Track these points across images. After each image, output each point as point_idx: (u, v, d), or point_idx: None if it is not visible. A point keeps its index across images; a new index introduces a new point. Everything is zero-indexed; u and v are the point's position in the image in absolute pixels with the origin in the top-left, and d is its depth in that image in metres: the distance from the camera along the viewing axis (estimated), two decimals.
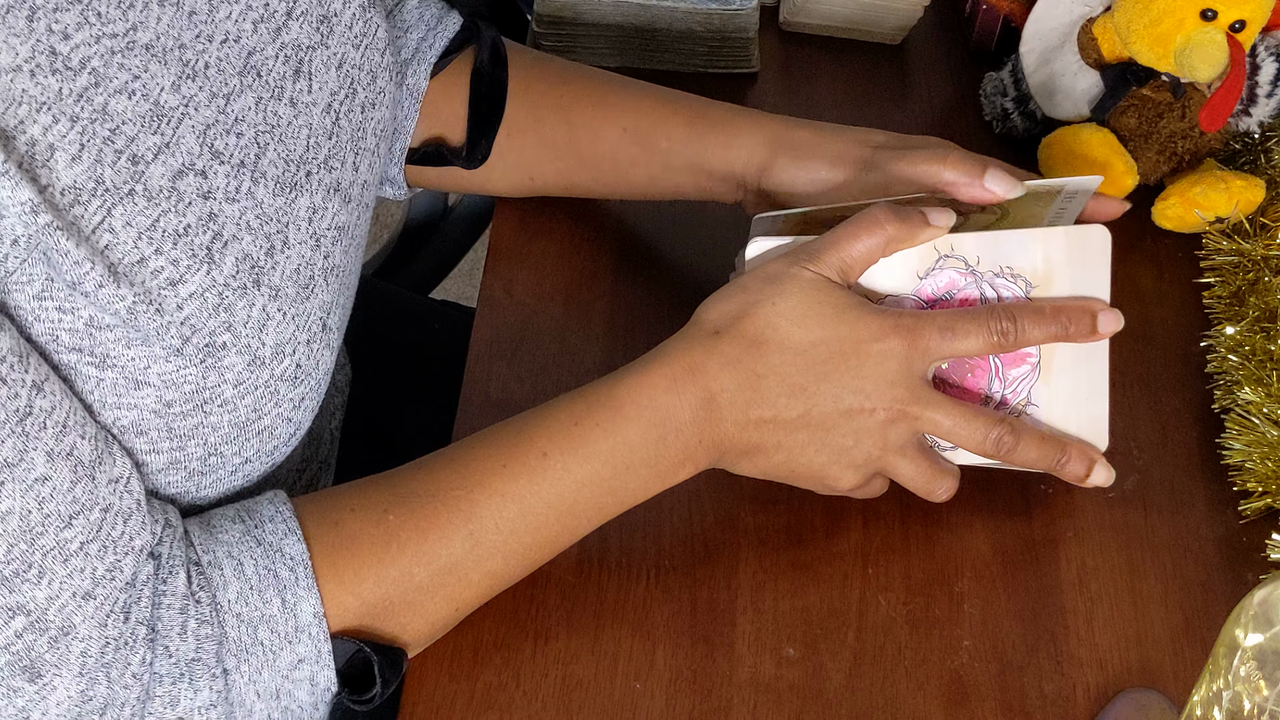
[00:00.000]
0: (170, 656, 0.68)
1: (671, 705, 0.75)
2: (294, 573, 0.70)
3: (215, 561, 0.70)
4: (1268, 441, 0.83)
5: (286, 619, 0.69)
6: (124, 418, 0.68)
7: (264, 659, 0.69)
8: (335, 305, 0.75)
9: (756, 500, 0.83)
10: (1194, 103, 0.95)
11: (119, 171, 0.63)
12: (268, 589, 0.69)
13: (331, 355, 0.76)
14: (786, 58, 1.10)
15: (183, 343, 0.67)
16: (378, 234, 2.06)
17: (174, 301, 0.66)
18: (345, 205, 0.77)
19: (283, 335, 0.71)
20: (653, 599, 0.79)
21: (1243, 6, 0.90)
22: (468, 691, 0.76)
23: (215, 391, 0.69)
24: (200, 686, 0.68)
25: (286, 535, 0.71)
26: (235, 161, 0.69)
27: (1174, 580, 0.81)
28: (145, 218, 0.64)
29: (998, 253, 0.79)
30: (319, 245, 0.74)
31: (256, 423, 0.72)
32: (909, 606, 0.79)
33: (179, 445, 0.70)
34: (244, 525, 0.71)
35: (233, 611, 0.69)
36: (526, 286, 0.95)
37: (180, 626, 0.68)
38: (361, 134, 0.79)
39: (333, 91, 0.76)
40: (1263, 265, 0.91)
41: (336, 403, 0.96)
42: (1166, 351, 0.91)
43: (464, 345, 0.91)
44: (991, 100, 1.03)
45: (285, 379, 0.72)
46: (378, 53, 0.81)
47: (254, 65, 0.71)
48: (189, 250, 0.66)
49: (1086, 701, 0.76)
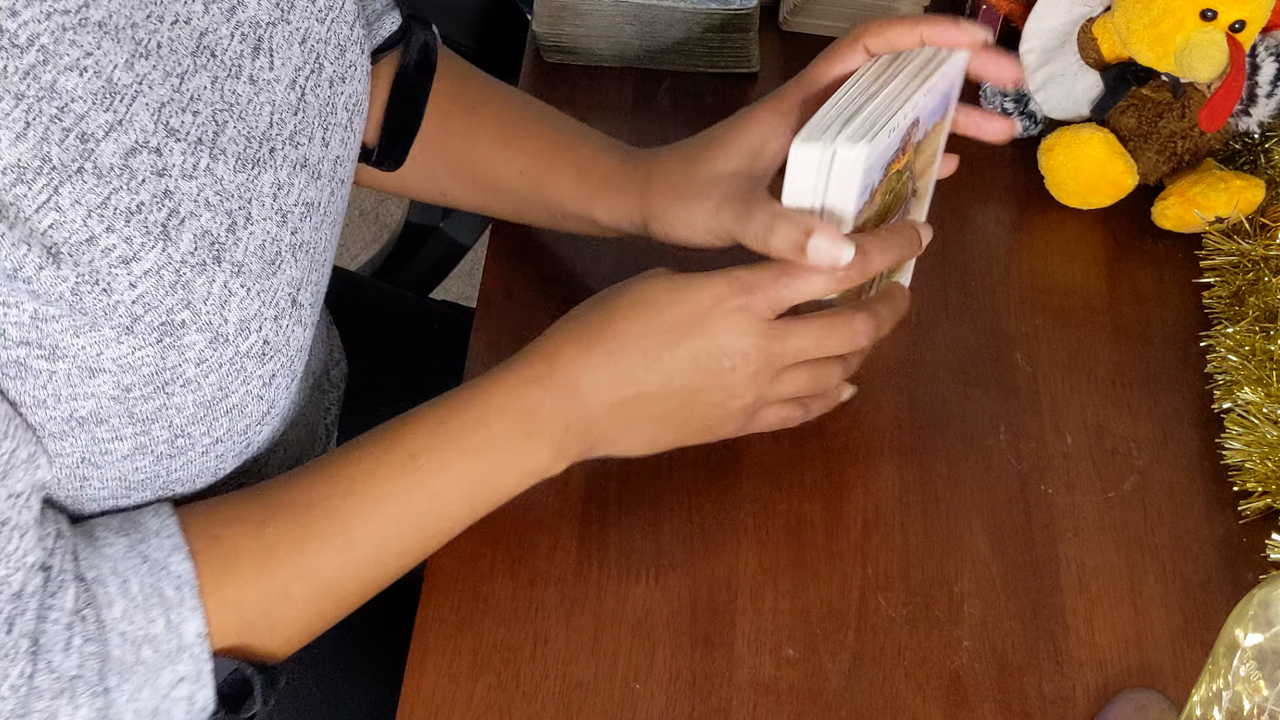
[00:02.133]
0: (52, 672, 0.67)
1: (671, 706, 0.75)
2: (180, 592, 0.69)
3: (100, 578, 0.69)
4: (1268, 441, 0.83)
5: (170, 638, 0.69)
6: (82, 408, 0.67)
7: (145, 678, 0.68)
8: (306, 282, 0.75)
9: (756, 501, 0.83)
10: (1194, 103, 0.95)
11: (67, 149, 0.62)
12: (153, 608, 0.69)
13: (304, 331, 0.75)
14: (786, 58, 1.10)
15: (133, 321, 0.66)
16: (377, 234, 2.06)
17: (126, 280, 0.65)
18: (314, 181, 0.76)
19: (247, 311, 0.70)
20: (653, 599, 0.79)
21: (1243, 6, 0.90)
22: (467, 692, 0.76)
23: (176, 371, 0.69)
24: (80, 704, 0.67)
25: (173, 552, 0.70)
26: (192, 139, 0.68)
27: (1174, 580, 0.81)
28: (95, 195, 0.63)
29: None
30: (285, 221, 0.73)
31: (224, 401, 0.72)
32: (908, 607, 0.79)
33: (143, 429, 0.70)
34: (128, 539, 0.71)
35: (117, 630, 0.68)
36: (526, 286, 0.95)
37: (65, 643, 0.67)
38: (331, 109, 0.78)
39: (297, 67, 0.76)
40: (1263, 265, 0.91)
41: (331, 398, 0.96)
42: (1166, 351, 0.91)
43: (464, 345, 0.91)
44: (991, 100, 1.03)
45: (252, 355, 0.71)
46: (345, 26, 0.80)
47: (207, 45, 0.70)
48: (142, 228, 0.65)
49: (1086, 702, 0.76)
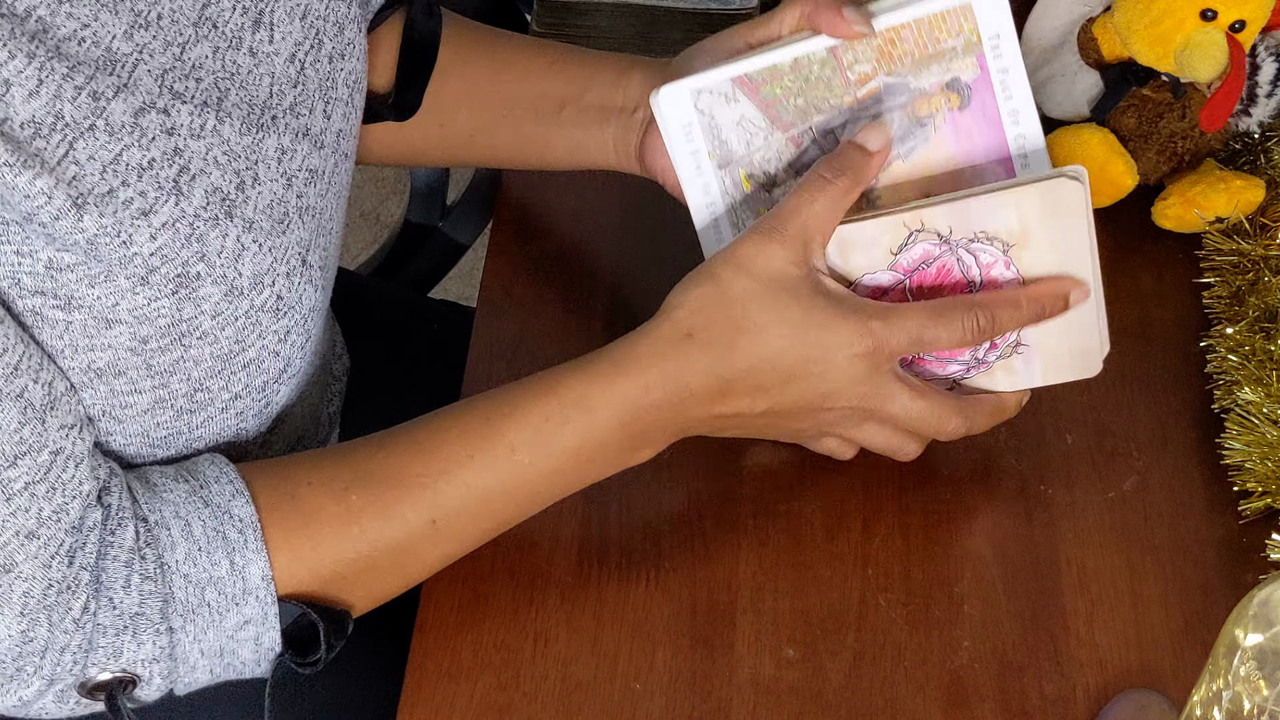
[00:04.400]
0: (114, 608, 0.68)
1: (671, 706, 0.75)
2: (243, 535, 0.70)
3: (162, 521, 0.70)
4: (1268, 441, 0.83)
5: (234, 581, 0.70)
6: (100, 359, 0.69)
7: (210, 620, 0.69)
8: (314, 245, 0.76)
9: (756, 501, 0.83)
10: (1194, 103, 0.95)
11: (79, 107, 0.64)
12: (216, 550, 0.70)
13: (315, 292, 0.76)
14: None
15: (149, 272, 0.67)
16: (377, 233, 2.06)
17: (147, 232, 0.66)
18: (317, 150, 0.77)
19: (260, 266, 0.71)
20: (653, 600, 0.79)
21: (1243, 6, 0.90)
22: (467, 692, 0.76)
23: (193, 324, 0.70)
24: (144, 640, 0.68)
25: (234, 496, 0.71)
26: (198, 101, 0.69)
27: (1174, 581, 0.81)
28: (108, 152, 0.65)
29: (969, 219, 0.77)
30: (291, 184, 0.74)
31: (241, 355, 0.73)
32: (908, 607, 0.79)
33: (161, 382, 0.71)
34: (189, 485, 0.72)
35: (180, 572, 0.69)
36: (526, 286, 0.95)
37: (125, 580, 0.68)
38: (331, 84, 0.79)
39: (297, 42, 0.76)
40: (1263, 265, 0.91)
41: (334, 389, 0.97)
42: (1166, 351, 0.91)
43: (464, 345, 0.91)
44: None
45: (266, 310, 0.72)
46: (343, 3, 0.81)
47: (209, 17, 0.71)
48: (155, 183, 0.66)
49: (1086, 702, 0.76)
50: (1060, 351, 0.81)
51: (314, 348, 0.79)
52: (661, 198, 0.93)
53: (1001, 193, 0.77)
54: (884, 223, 0.77)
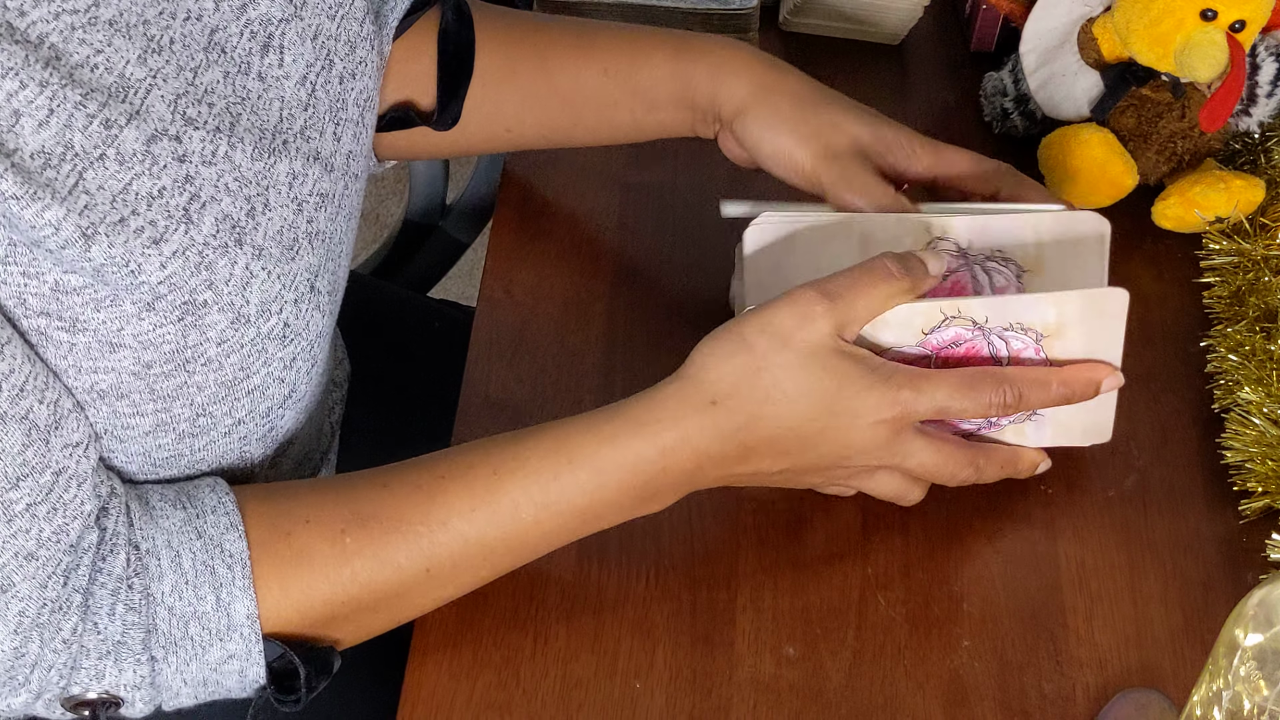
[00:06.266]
0: (99, 634, 0.68)
1: (671, 704, 0.75)
2: (231, 571, 0.70)
3: (154, 550, 0.70)
4: (1268, 441, 0.83)
5: (219, 616, 0.70)
6: (102, 381, 0.68)
7: (192, 652, 0.69)
8: (323, 270, 0.75)
9: (756, 500, 0.83)
10: (1194, 103, 0.95)
11: (90, 136, 0.63)
12: (203, 585, 0.69)
13: (322, 318, 0.76)
14: (786, 58, 1.09)
15: (155, 299, 0.67)
16: (377, 233, 2.06)
17: (156, 261, 0.66)
18: (327, 173, 0.76)
19: (268, 293, 0.71)
20: (652, 598, 0.79)
21: (1243, 6, 0.90)
22: (467, 690, 0.76)
23: (198, 350, 0.69)
24: (125, 668, 0.68)
25: (228, 530, 0.71)
26: (210, 127, 0.69)
27: (1174, 580, 0.81)
28: (118, 181, 0.64)
29: (1006, 313, 0.77)
30: (301, 210, 0.73)
31: (245, 382, 0.72)
32: (908, 606, 0.79)
33: (164, 406, 0.71)
34: (185, 513, 0.71)
35: (165, 604, 0.69)
36: (526, 286, 0.95)
37: (110, 608, 0.68)
38: (341, 105, 0.78)
39: (308, 64, 0.76)
40: (1263, 265, 0.91)
41: (335, 397, 0.96)
42: (1166, 351, 0.91)
43: (464, 345, 0.91)
44: (991, 100, 1.03)
45: (273, 338, 0.72)
46: (355, 22, 0.80)
47: (218, 42, 0.71)
48: (165, 211, 0.66)
49: (1086, 701, 0.76)
50: (1073, 424, 0.82)
51: (319, 371, 0.79)
52: (661, 197, 0.93)
53: (1043, 294, 0.77)
54: (920, 307, 0.76)
